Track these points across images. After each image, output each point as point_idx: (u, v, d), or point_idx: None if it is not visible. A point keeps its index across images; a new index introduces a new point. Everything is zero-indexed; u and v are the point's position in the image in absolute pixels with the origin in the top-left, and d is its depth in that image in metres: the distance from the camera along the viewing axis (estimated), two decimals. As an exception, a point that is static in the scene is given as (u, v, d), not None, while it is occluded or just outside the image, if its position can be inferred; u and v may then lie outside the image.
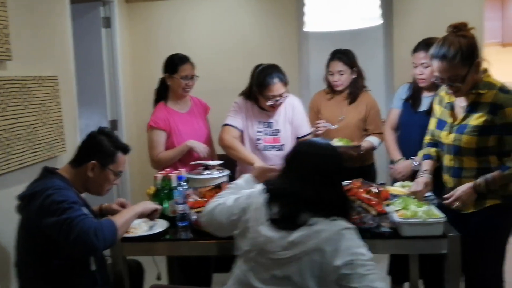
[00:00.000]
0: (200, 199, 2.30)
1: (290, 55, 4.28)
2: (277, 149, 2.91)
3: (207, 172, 2.60)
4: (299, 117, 3.03)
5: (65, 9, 3.33)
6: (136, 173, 4.37)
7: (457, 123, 2.22)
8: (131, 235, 2.20)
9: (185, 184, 2.40)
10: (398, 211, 2.15)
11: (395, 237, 2.10)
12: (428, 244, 2.09)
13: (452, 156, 2.25)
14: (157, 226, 2.28)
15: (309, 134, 3.08)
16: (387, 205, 2.20)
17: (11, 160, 2.58)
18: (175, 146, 2.95)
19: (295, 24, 4.23)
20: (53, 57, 3.14)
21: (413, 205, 2.16)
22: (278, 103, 2.85)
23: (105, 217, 2.25)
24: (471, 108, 2.18)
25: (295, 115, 3.00)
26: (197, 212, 2.18)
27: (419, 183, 2.33)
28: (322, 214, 1.68)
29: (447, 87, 2.19)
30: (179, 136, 2.96)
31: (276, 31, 4.30)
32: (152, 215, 2.25)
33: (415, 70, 2.89)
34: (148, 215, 2.23)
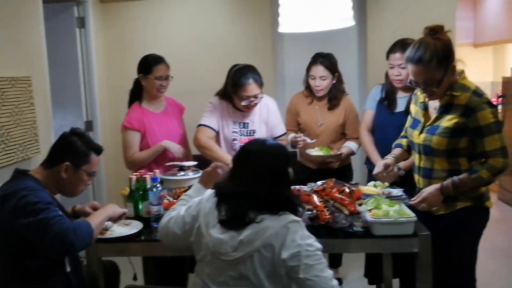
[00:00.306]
0: (175, 200, 2.30)
1: (265, 56, 4.30)
2: None
3: (182, 173, 2.60)
4: (274, 117, 3.05)
5: (38, 9, 3.29)
6: (111, 174, 4.34)
7: (429, 123, 2.23)
8: (107, 236, 2.20)
9: (159, 185, 2.41)
10: (370, 210, 2.19)
11: (367, 236, 2.13)
12: (399, 243, 2.13)
13: (423, 156, 2.27)
14: (132, 227, 2.29)
15: (284, 134, 3.11)
16: (360, 204, 2.23)
17: (-17, 162, 2.55)
18: (150, 147, 2.94)
19: (270, 25, 4.25)
20: (26, 58, 3.10)
21: (385, 204, 2.20)
22: (253, 103, 2.87)
23: (78, 218, 2.25)
24: (444, 110, 2.18)
25: (270, 116, 3.02)
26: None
27: (379, 165, 2.39)
28: (269, 211, 1.71)
29: (422, 90, 2.20)
30: (154, 137, 2.95)
31: (251, 31, 4.32)
32: (119, 218, 2.26)
33: (391, 71, 2.89)
34: (116, 218, 2.25)
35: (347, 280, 3.53)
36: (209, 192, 1.89)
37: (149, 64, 2.95)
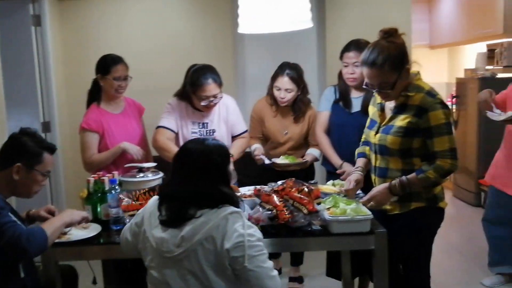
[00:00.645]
0: (134, 202, 2.28)
1: (226, 56, 4.31)
2: None
3: (141, 174, 2.57)
4: (234, 115, 3.06)
5: (-10, 6, 3.19)
6: (70, 176, 4.25)
7: (384, 123, 2.27)
8: (63, 240, 2.15)
9: (118, 187, 2.38)
10: (328, 209, 2.23)
11: (325, 235, 2.17)
12: (356, 241, 2.18)
13: (378, 156, 2.31)
14: (90, 230, 2.25)
15: (245, 132, 3.12)
16: (319, 203, 2.26)
17: None
18: (109, 148, 2.89)
19: (230, 25, 4.26)
20: (-23, 57, 3.00)
21: (342, 203, 2.24)
22: (213, 103, 2.88)
23: (32, 223, 2.20)
24: (399, 110, 2.22)
25: (229, 114, 3.03)
26: (131, 215, 2.16)
27: (350, 181, 2.41)
28: (208, 206, 1.75)
29: (377, 92, 2.24)
30: (113, 138, 2.91)
31: (211, 31, 4.32)
32: (80, 223, 2.22)
33: (346, 70, 2.92)
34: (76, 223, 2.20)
35: (309, 278, 3.58)
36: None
37: (107, 64, 2.90)
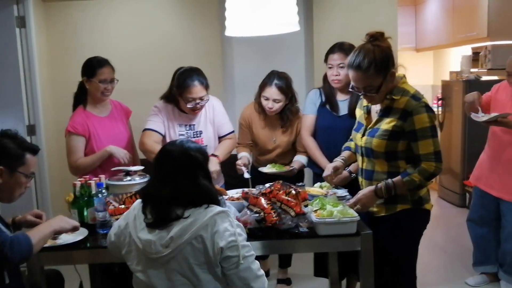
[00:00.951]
0: (121, 206, 2.27)
1: (214, 58, 4.31)
2: None
3: (128, 178, 2.56)
4: (220, 116, 3.06)
5: (-27, 8, 3.14)
6: (56, 179, 4.21)
7: (370, 126, 2.30)
8: (49, 244, 2.13)
9: (104, 191, 2.37)
10: (316, 211, 2.24)
11: (312, 236, 2.19)
12: (343, 242, 2.20)
13: (365, 158, 2.34)
14: (77, 234, 2.23)
15: (231, 132, 3.12)
16: (306, 205, 2.27)
17: None
18: (95, 152, 2.87)
19: (218, 28, 4.26)
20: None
21: (329, 205, 2.25)
22: (199, 106, 2.88)
23: (19, 229, 2.17)
24: (384, 113, 2.24)
25: (216, 115, 3.04)
26: (118, 219, 2.15)
27: (328, 168, 2.45)
28: (193, 205, 1.77)
29: (362, 96, 2.26)
30: (99, 141, 2.89)
31: (200, 34, 4.32)
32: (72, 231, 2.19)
33: (330, 71, 2.92)
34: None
35: (297, 279, 3.59)
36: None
37: (93, 67, 2.88)
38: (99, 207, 2.28)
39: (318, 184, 2.75)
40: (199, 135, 2.99)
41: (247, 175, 3.04)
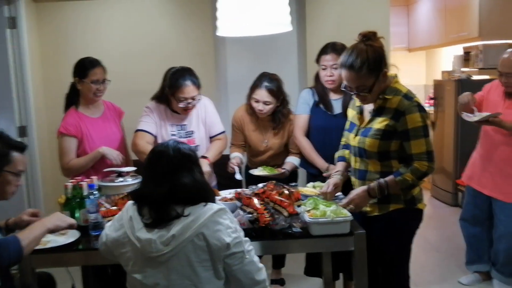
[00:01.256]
0: (113, 208, 2.26)
1: (207, 59, 4.30)
2: None
3: (120, 179, 2.55)
4: (212, 116, 3.06)
5: (-37, 8, 3.12)
6: (48, 181, 4.18)
7: (363, 126, 2.30)
8: (40, 247, 2.10)
9: (96, 192, 2.36)
10: (309, 211, 2.24)
11: (306, 237, 2.18)
12: (336, 242, 2.20)
13: (358, 158, 2.34)
14: (69, 236, 2.22)
15: (222, 133, 3.11)
16: (299, 205, 2.27)
17: None
18: (88, 153, 2.85)
19: (211, 28, 4.25)
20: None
21: (322, 205, 2.26)
22: (191, 105, 2.87)
23: (12, 232, 2.14)
24: (377, 113, 2.24)
25: (207, 115, 3.03)
26: (109, 220, 2.14)
27: (329, 184, 2.42)
28: (192, 203, 1.78)
29: (355, 95, 2.26)
30: (92, 142, 2.87)
31: (192, 34, 4.31)
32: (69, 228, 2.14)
33: (324, 72, 2.92)
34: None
35: (291, 280, 3.59)
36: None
37: (85, 68, 2.86)
38: (91, 208, 2.27)
39: (310, 184, 2.74)
40: (191, 135, 2.98)
41: (238, 176, 3.04)
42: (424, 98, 6.61)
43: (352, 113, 2.45)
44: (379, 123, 2.21)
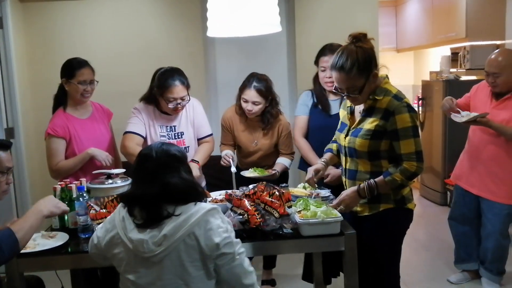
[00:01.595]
0: (102, 210, 2.24)
1: (197, 59, 4.29)
2: None
3: (110, 181, 2.52)
4: (200, 117, 3.05)
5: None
6: (36, 183, 4.14)
7: (353, 126, 2.31)
8: (29, 250, 2.08)
9: (86, 194, 2.33)
10: (299, 212, 2.25)
11: (296, 237, 2.19)
12: (327, 242, 2.21)
13: (348, 158, 2.35)
14: (57, 239, 2.20)
15: (210, 135, 3.10)
16: (290, 206, 2.27)
17: None
18: (76, 154, 2.82)
19: (200, 29, 4.24)
20: None
21: (312, 205, 2.26)
22: (180, 106, 2.86)
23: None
24: (367, 113, 2.25)
25: (196, 116, 3.03)
26: (99, 224, 2.12)
27: (310, 170, 2.46)
28: (183, 202, 1.77)
29: (345, 96, 2.27)
30: (80, 144, 2.84)
31: (182, 35, 4.29)
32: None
33: (323, 74, 2.95)
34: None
35: (281, 280, 3.59)
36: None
37: (72, 68, 2.83)
38: (80, 211, 2.25)
39: (301, 185, 2.75)
40: (180, 136, 2.97)
41: (234, 168, 3.05)
42: (413, 98, 6.65)
43: (343, 113, 2.46)
44: (369, 123, 2.22)
